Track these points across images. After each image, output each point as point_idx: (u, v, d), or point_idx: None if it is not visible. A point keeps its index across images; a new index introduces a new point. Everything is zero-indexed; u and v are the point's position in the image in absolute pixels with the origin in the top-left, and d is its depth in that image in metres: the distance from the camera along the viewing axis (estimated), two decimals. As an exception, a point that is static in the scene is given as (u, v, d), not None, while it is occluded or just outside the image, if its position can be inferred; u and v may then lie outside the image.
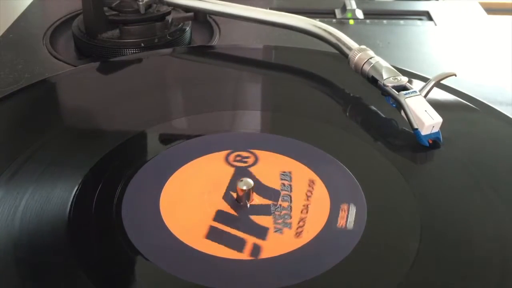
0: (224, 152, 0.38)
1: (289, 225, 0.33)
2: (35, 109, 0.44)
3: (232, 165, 0.38)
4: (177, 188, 0.36)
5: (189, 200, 0.35)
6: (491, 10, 0.74)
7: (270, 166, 0.38)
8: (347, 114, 0.44)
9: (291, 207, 0.34)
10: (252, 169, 0.37)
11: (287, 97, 0.47)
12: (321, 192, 0.35)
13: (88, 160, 0.37)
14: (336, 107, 0.46)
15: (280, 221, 0.33)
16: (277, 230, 0.32)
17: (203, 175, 0.37)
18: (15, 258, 0.30)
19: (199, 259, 0.30)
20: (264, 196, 0.35)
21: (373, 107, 0.44)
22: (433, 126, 0.39)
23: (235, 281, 0.30)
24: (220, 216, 0.33)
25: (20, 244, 0.31)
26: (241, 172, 0.37)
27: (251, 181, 0.34)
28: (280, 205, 0.34)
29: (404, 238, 0.32)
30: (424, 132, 0.39)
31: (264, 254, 0.31)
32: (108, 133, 0.42)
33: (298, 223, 0.33)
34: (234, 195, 0.35)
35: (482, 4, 0.70)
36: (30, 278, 0.29)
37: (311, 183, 0.36)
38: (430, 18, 0.66)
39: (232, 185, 0.36)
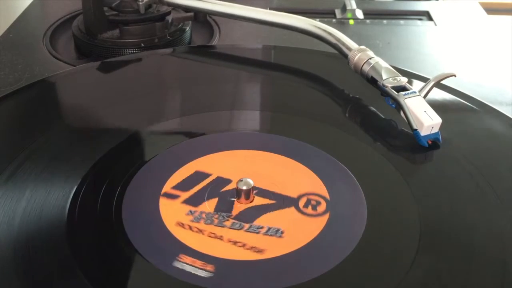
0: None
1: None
2: (35, 109, 0.44)
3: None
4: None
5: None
6: (491, 10, 0.75)
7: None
8: (347, 114, 0.45)
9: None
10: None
11: (287, 97, 0.47)
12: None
13: (88, 160, 0.37)
14: (336, 107, 0.46)
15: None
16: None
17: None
18: (15, 258, 0.30)
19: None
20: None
21: (372, 108, 0.44)
22: (433, 127, 0.39)
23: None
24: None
25: (19, 244, 0.31)
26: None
27: (251, 181, 0.34)
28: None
29: (403, 238, 0.32)
30: (423, 132, 0.39)
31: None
32: (108, 133, 0.42)
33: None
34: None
35: (482, 4, 0.70)
36: (30, 278, 0.29)
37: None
38: (430, 18, 0.66)
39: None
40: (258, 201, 0.35)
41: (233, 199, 0.35)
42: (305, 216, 0.34)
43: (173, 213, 0.33)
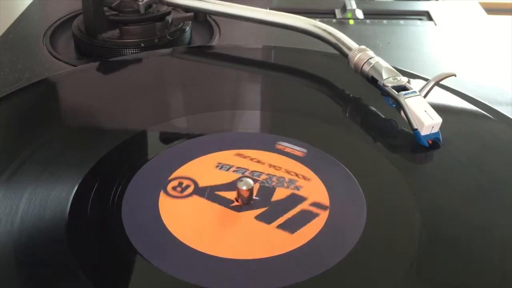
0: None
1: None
2: (35, 109, 0.44)
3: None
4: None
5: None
6: (491, 10, 0.75)
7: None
8: (347, 114, 0.45)
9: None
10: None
11: (287, 97, 0.47)
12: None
13: (88, 160, 0.37)
14: (336, 107, 0.46)
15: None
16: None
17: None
18: (15, 258, 0.30)
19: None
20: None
21: (372, 108, 0.44)
22: (433, 127, 0.39)
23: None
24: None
25: (20, 244, 0.31)
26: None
27: (251, 181, 0.34)
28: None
29: (403, 238, 0.32)
30: (423, 132, 0.39)
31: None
32: (108, 133, 0.42)
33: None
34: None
35: (482, 4, 0.70)
36: (30, 278, 0.29)
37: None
38: (430, 18, 0.66)
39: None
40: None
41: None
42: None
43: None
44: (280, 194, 0.35)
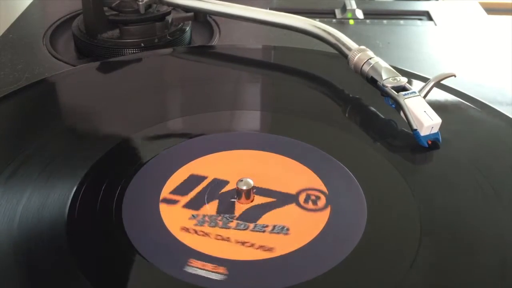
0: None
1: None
2: (35, 109, 0.44)
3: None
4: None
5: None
6: (491, 10, 0.75)
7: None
8: (347, 114, 0.45)
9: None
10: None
11: (287, 97, 0.47)
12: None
13: (88, 160, 0.37)
14: (336, 107, 0.46)
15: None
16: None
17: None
18: (14, 258, 0.30)
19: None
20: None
21: (372, 108, 0.44)
22: (432, 127, 0.39)
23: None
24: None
25: (19, 244, 0.31)
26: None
27: (251, 181, 0.34)
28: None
29: (403, 238, 0.32)
30: (423, 132, 0.39)
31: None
32: (108, 133, 0.42)
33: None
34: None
35: (482, 4, 0.70)
36: (29, 279, 0.29)
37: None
38: (430, 18, 0.66)
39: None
40: (259, 200, 0.35)
41: (233, 199, 0.35)
42: (307, 211, 0.34)
43: (175, 218, 0.33)
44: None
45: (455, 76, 0.43)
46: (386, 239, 0.32)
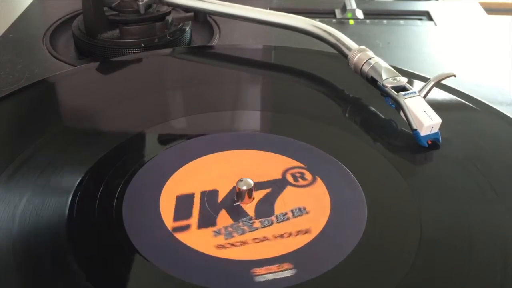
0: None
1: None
2: (35, 109, 0.44)
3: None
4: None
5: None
6: (491, 10, 0.75)
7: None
8: (347, 114, 0.45)
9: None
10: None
11: (287, 97, 0.47)
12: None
13: (88, 160, 0.37)
14: (336, 107, 0.46)
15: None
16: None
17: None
18: (15, 258, 0.30)
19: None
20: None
21: (372, 108, 0.44)
22: (432, 127, 0.39)
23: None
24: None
25: (19, 244, 0.31)
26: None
27: (251, 181, 0.34)
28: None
29: (403, 238, 0.32)
30: (423, 132, 0.39)
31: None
32: (108, 133, 0.42)
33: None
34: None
35: (482, 4, 0.70)
36: (29, 278, 0.29)
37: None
38: (430, 18, 0.66)
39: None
40: (258, 195, 0.35)
41: (237, 203, 0.34)
42: (303, 188, 0.35)
43: (200, 240, 0.32)
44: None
45: (455, 76, 0.43)
46: (386, 239, 0.32)
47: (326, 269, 0.30)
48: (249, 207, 0.34)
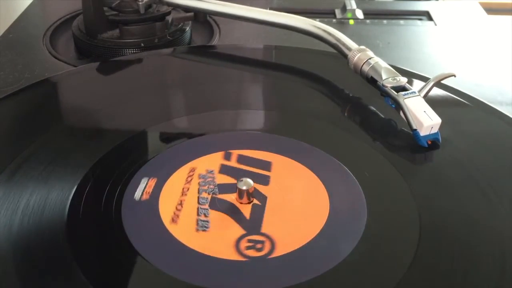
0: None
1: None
2: (35, 109, 0.44)
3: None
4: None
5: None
6: (491, 10, 0.75)
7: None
8: (347, 114, 0.45)
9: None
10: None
11: (287, 97, 0.47)
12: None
13: (88, 160, 0.37)
14: (336, 107, 0.46)
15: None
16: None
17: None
18: (15, 258, 0.30)
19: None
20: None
21: (372, 108, 0.44)
22: (432, 127, 0.39)
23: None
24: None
25: (20, 244, 0.31)
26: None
27: (250, 181, 0.34)
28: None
29: (403, 238, 0.32)
30: (423, 132, 0.39)
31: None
32: (108, 133, 0.42)
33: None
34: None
35: (482, 4, 0.70)
36: (29, 278, 0.29)
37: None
38: (430, 18, 0.66)
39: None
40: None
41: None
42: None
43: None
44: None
45: (455, 76, 0.43)
46: (386, 239, 0.32)
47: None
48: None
